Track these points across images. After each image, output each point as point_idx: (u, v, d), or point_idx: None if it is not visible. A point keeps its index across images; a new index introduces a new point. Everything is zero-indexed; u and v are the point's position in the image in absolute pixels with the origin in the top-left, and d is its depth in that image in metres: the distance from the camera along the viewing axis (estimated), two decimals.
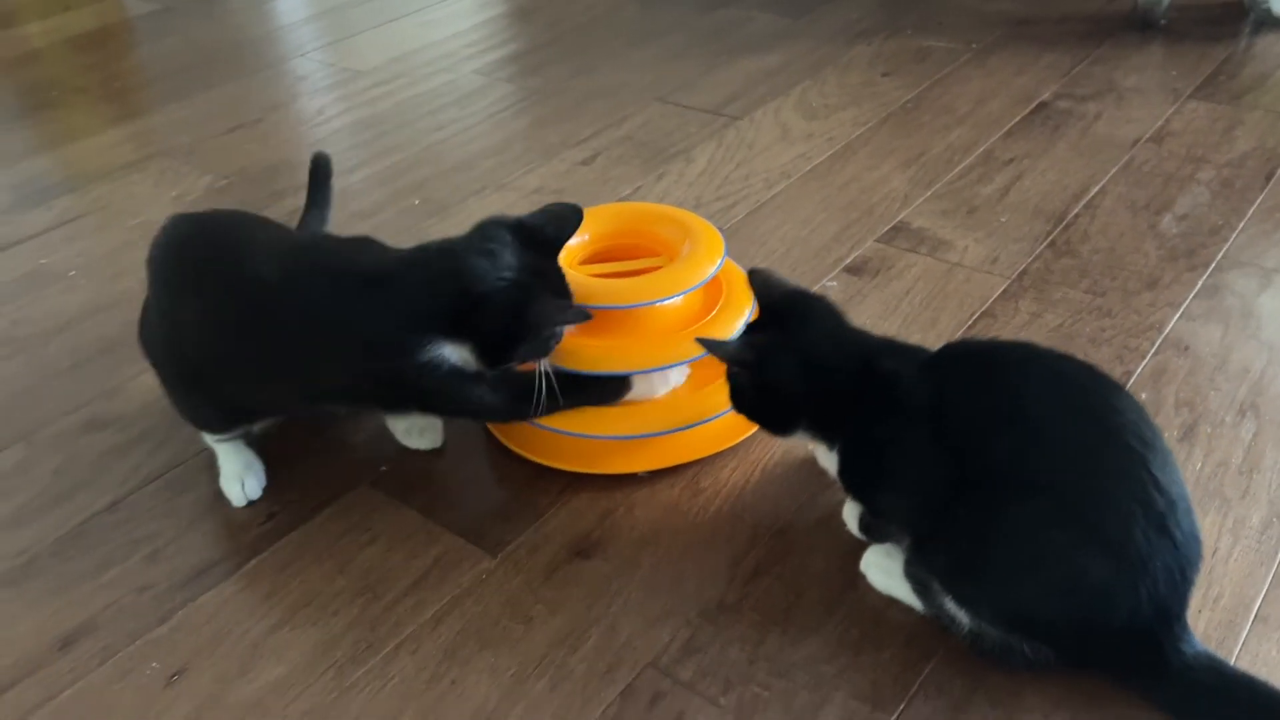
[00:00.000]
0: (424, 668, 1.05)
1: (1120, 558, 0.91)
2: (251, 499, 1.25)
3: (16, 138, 2.23)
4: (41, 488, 1.30)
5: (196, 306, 1.19)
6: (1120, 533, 0.90)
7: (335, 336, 1.12)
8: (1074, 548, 0.91)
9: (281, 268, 1.15)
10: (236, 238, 1.21)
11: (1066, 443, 0.94)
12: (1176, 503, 0.92)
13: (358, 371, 1.14)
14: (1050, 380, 0.98)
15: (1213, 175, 1.76)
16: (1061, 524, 0.92)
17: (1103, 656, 0.97)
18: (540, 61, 2.42)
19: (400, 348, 1.10)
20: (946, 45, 2.32)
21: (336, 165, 2.02)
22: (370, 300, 1.11)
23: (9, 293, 1.68)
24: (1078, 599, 0.93)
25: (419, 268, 1.13)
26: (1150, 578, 0.91)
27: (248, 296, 1.15)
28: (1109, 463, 0.93)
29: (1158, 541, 0.91)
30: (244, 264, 1.16)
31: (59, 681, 1.06)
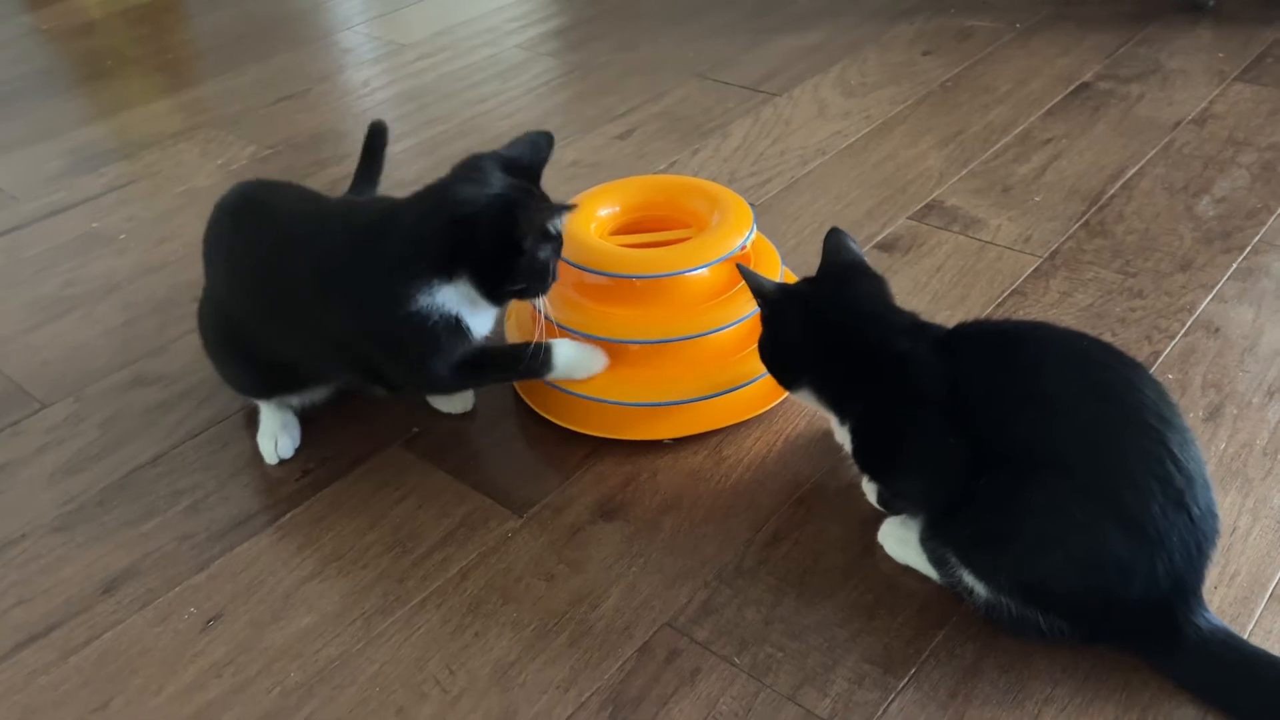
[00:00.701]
0: (448, 620, 1.09)
1: (1138, 532, 0.91)
2: (283, 457, 1.29)
3: (72, 106, 2.29)
4: (90, 440, 1.35)
5: (228, 267, 1.25)
6: (1138, 508, 0.91)
7: (334, 291, 1.15)
8: (1093, 522, 0.92)
9: (297, 226, 1.20)
10: (268, 202, 1.25)
11: (1085, 420, 0.95)
12: (1194, 479, 0.93)
13: (356, 327, 1.16)
14: (1068, 358, 0.99)
15: (1254, 159, 1.74)
16: (1081, 499, 0.92)
17: (1118, 629, 0.98)
18: (583, 37, 2.44)
19: (392, 298, 1.12)
20: (990, 25, 2.30)
21: None
22: (362, 252, 1.13)
23: (63, 254, 1.74)
24: (1096, 573, 0.94)
25: (407, 210, 1.15)
26: (1167, 552, 0.92)
27: (270, 255, 1.20)
28: (1128, 439, 0.93)
29: (1175, 517, 0.92)
30: (270, 226, 1.22)
31: (102, 622, 1.11)
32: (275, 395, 1.31)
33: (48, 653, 1.09)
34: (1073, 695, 0.98)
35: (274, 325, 1.22)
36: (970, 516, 0.99)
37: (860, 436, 1.07)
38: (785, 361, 1.14)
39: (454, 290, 1.13)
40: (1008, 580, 0.99)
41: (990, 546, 0.99)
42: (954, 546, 1.02)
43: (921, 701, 0.98)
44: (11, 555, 1.20)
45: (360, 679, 1.04)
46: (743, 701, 0.99)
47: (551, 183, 1.84)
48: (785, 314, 1.12)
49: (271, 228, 1.21)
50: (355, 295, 1.14)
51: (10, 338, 1.55)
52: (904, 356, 1.03)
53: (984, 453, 0.97)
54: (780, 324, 1.13)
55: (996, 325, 1.14)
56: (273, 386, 1.30)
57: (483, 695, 1.01)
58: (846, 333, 1.08)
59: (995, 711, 0.97)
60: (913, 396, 1.02)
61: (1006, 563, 0.98)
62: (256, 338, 1.24)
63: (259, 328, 1.24)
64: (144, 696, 1.04)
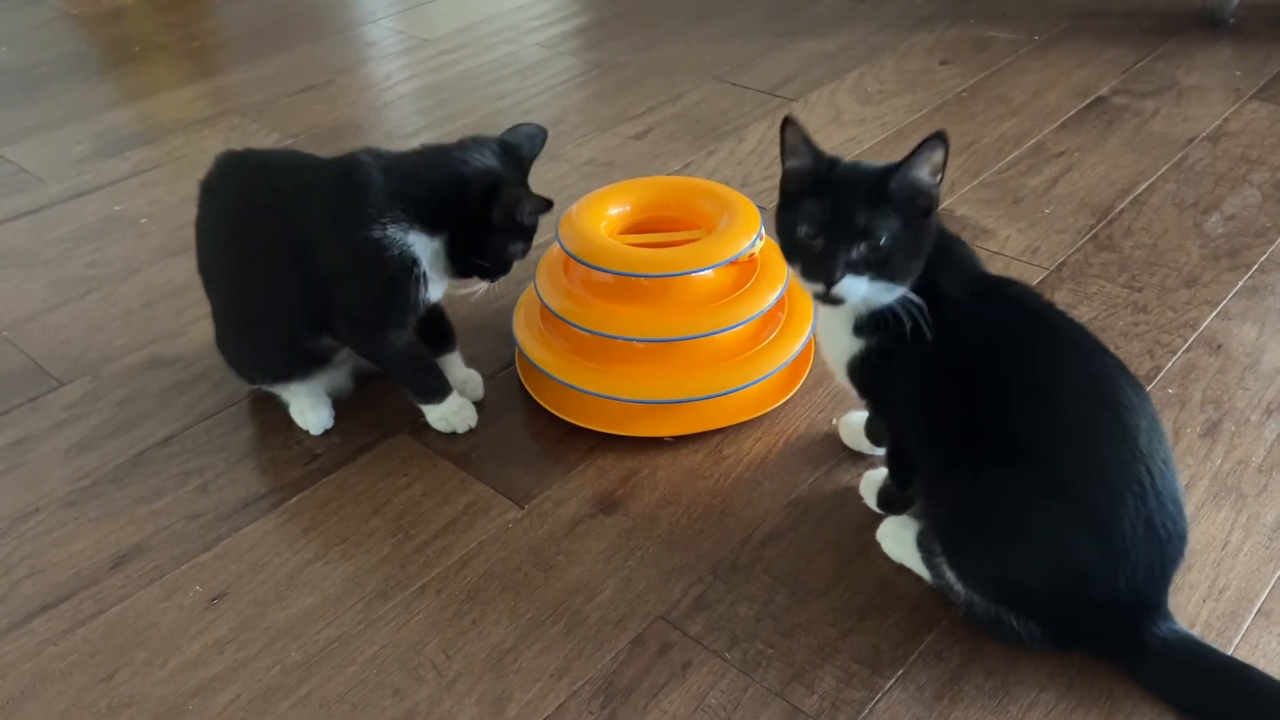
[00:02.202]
0: (447, 606, 1.11)
1: (1106, 540, 0.94)
2: (327, 426, 1.33)
3: (99, 90, 2.33)
4: (105, 418, 1.38)
5: (212, 234, 1.31)
6: (1110, 517, 0.94)
7: (316, 211, 1.22)
8: (1064, 520, 0.94)
9: (276, 173, 1.30)
10: (243, 164, 1.33)
11: (1079, 425, 0.96)
12: (1167, 505, 0.95)
13: (326, 255, 1.22)
14: (1085, 367, 1.00)
15: (1266, 177, 1.75)
16: (1058, 496, 0.95)
17: (1082, 633, 1.00)
18: (602, 36, 2.46)
19: (360, 219, 1.19)
20: (1009, 36, 2.31)
21: (400, 129, 2.11)
22: (353, 184, 1.21)
23: (86, 235, 1.78)
24: (1060, 571, 0.96)
25: (407, 162, 1.24)
26: (1131, 566, 0.95)
27: (245, 201, 1.28)
28: (1114, 453, 0.95)
29: (1144, 533, 0.94)
30: (247, 179, 1.31)
31: (111, 596, 1.14)
32: (293, 379, 1.33)
33: (58, 623, 1.12)
34: (1057, 701, 0.99)
35: (245, 276, 1.28)
36: (954, 498, 1.01)
37: (869, 351, 1.03)
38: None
39: (426, 242, 1.21)
40: (978, 569, 1.01)
41: (965, 527, 1.01)
42: (938, 532, 1.04)
43: (908, 702, 1.00)
44: (25, 528, 1.23)
45: (359, 660, 1.06)
46: (732, 696, 1.01)
47: (566, 180, 1.87)
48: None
49: (249, 181, 1.29)
50: (336, 218, 1.21)
51: (31, 316, 1.58)
52: (944, 292, 1.00)
53: (980, 422, 0.98)
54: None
55: (1034, 301, 1.06)
56: (288, 369, 1.33)
57: (477, 680, 1.04)
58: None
59: (980, 714, 0.99)
60: (944, 334, 0.99)
61: (977, 549, 1.01)
62: (243, 305, 1.30)
63: (234, 285, 1.30)
64: (149, 669, 1.06)
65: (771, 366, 1.30)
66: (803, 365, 1.38)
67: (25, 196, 1.90)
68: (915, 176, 0.96)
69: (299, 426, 1.34)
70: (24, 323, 1.57)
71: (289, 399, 1.35)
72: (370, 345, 1.30)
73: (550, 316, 1.32)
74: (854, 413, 1.26)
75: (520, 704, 1.01)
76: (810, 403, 1.35)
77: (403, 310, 1.24)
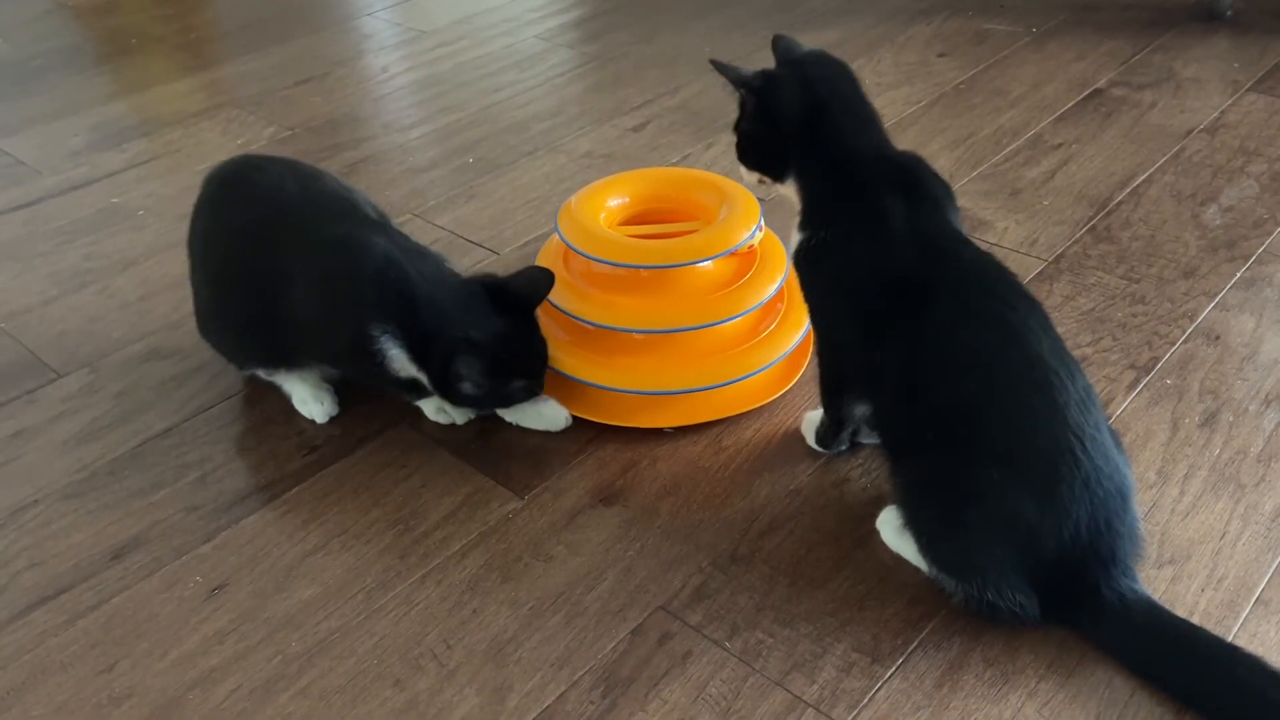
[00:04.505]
0: (447, 596, 1.11)
1: (1049, 502, 0.97)
2: (331, 415, 1.34)
3: (96, 82, 2.32)
4: (103, 410, 1.38)
5: (225, 237, 1.31)
6: (1050, 481, 0.97)
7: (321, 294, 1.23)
8: (1008, 487, 0.98)
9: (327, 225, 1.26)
10: (260, 178, 1.32)
11: (1017, 405, 1.00)
12: (1101, 465, 0.98)
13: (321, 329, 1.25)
14: (1027, 343, 1.01)
15: (1263, 169, 1.75)
16: (999, 465, 0.99)
17: (1041, 598, 1.01)
18: (601, 28, 2.46)
19: (362, 340, 1.20)
20: (1007, 28, 2.31)
21: (398, 121, 2.10)
22: (357, 278, 1.21)
23: (83, 228, 1.77)
24: (1008, 533, 0.99)
25: (410, 283, 1.21)
26: (1074, 521, 0.98)
27: (274, 236, 1.26)
28: (1051, 428, 0.98)
29: (1082, 492, 0.97)
30: (263, 202, 1.29)
31: (110, 588, 1.14)
32: (294, 368, 1.34)
33: (57, 615, 1.11)
34: (1056, 690, 0.99)
35: (242, 282, 1.29)
36: (903, 467, 1.07)
37: (812, 245, 1.10)
38: (770, 146, 1.13)
39: (410, 364, 1.23)
40: (934, 545, 1.05)
41: (919, 504, 1.05)
42: (900, 509, 1.08)
43: (907, 691, 1.00)
44: (24, 520, 1.23)
45: (359, 650, 1.06)
46: (732, 685, 1.01)
47: (565, 172, 1.87)
48: (770, 91, 1.11)
49: (264, 204, 1.28)
50: (333, 302, 1.22)
51: (29, 309, 1.58)
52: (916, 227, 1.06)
53: (915, 377, 1.04)
54: (765, 102, 1.11)
55: (981, 265, 1.08)
56: (288, 358, 1.33)
57: (478, 670, 1.04)
58: (843, 125, 1.10)
59: (979, 703, 0.99)
60: (893, 269, 1.05)
61: (931, 524, 1.04)
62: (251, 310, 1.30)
63: (229, 284, 1.30)
64: (149, 660, 1.06)
65: (771, 357, 1.30)
66: (802, 356, 1.38)
67: (22, 189, 1.90)
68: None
69: (299, 417, 1.34)
70: (21, 315, 1.57)
71: (291, 388, 1.35)
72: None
73: (550, 308, 1.32)
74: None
75: (521, 694, 1.01)
76: (810, 394, 1.35)
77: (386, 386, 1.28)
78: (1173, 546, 1.12)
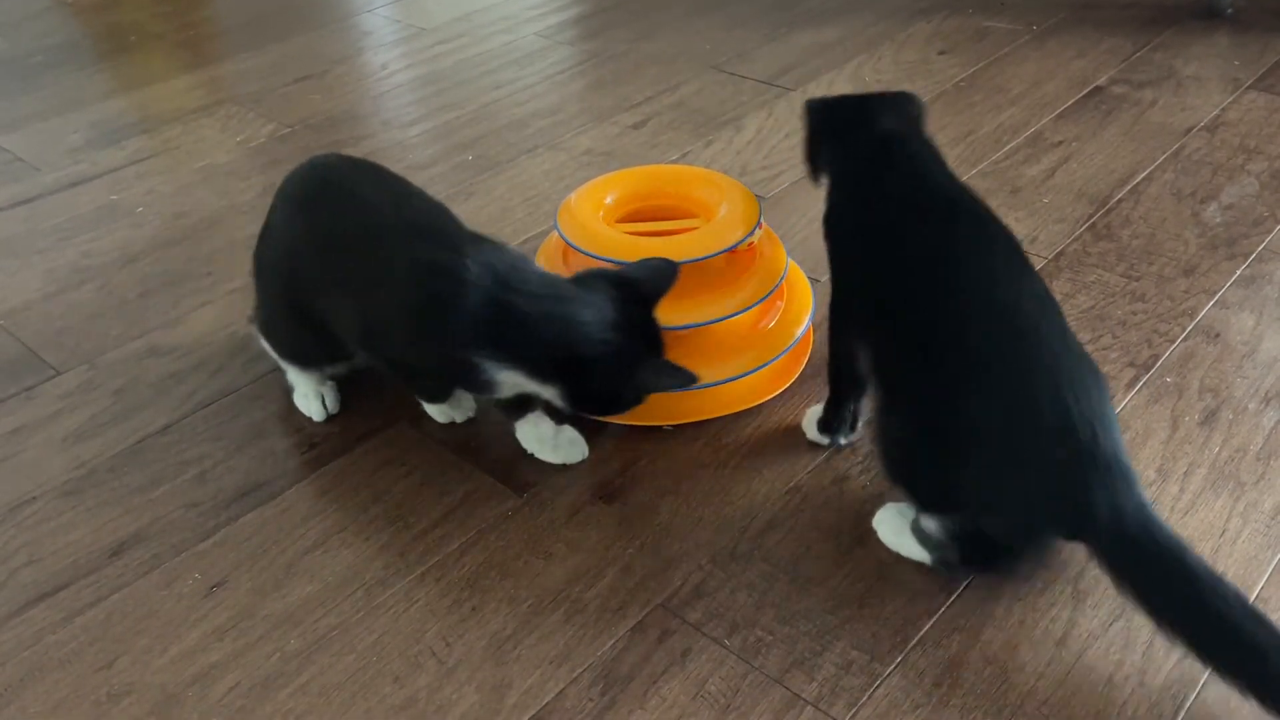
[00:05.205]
0: (447, 594, 1.11)
1: (1034, 407, 0.98)
2: (332, 413, 1.33)
3: (95, 79, 2.32)
4: (103, 407, 1.38)
5: (309, 236, 1.24)
6: (1033, 392, 0.98)
7: (422, 322, 1.16)
8: (995, 399, 0.99)
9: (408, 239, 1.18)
10: (362, 184, 1.25)
11: (1000, 331, 1.03)
12: (1081, 398, 0.98)
13: (420, 350, 1.19)
14: (1009, 279, 1.08)
15: (1264, 167, 1.75)
16: (985, 377, 1.01)
17: (1039, 510, 1.00)
18: (600, 26, 2.45)
19: (468, 364, 1.14)
20: (1007, 26, 2.31)
21: (397, 119, 2.10)
22: (442, 305, 1.13)
23: (82, 225, 1.77)
24: (1005, 450, 0.99)
25: (516, 302, 1.13)
26: (1061, 424, 0.97)
27: (370, 248, 1.19)
28: (1032, 355, 1.01)
29: (1063, 399, 0.97)
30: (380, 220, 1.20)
31: (108, 585, 1.14)
32: (321, 366, 1.33)
33: (55, 612, 1.11)
34: (1055, 689, 0.99)
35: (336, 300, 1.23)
36: (897, 412, 1.08)
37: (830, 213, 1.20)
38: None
39: (530, 382, 1.15)
40: (930, 479, 1.05)
41: (909, 437, 1.06)
42: (885, 460, 1.09)
43: (907, 689, 1.00)
44: (22, 516, 1.23)
45: (359, 648, 1.06)
46: (731, 682, 1.01)
47: (564, 170, 1.87)
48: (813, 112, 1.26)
49: (364, 214, 1.21)
50: (416, 325, 1.16)
51: (28, 305, 1.58)
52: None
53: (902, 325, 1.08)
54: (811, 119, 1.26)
55: (976, 224, 1.17)
56: (321, 357, 1.32)
57: (478, 667, 1.04)
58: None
59: (978, 701, 0.99)
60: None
61: (926, 455, 1.04)
62: (321, 309, 1.24)
63: (325, 299, 1.24)
64: (148, 657, 1.06)
65: (770, 355, 1.30)
66: (801, 353, 1.38)
67: (21, 185, 1.90)
68: None
69: (299, 414, 1.34)
70: (20, 311, 1.57)
71: (293, 382, 1.34)
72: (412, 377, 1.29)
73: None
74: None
75: (520, 691, 1.01)
76: (809, 391, 1.35)
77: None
78: None
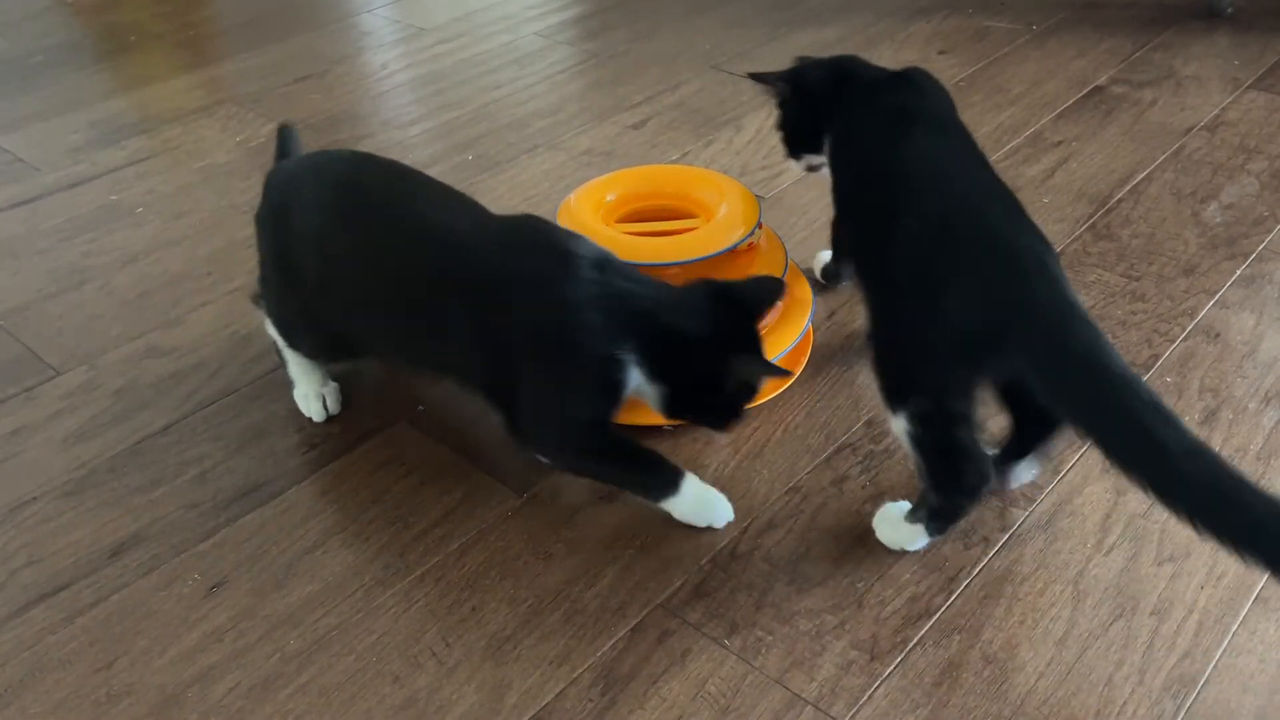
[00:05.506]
0: (446, 594, 1.11)
1: (992, 258, 1.02)
2: (332, 414, 1.33)
3: (95, 79, 2.32)
4: (102, 408, 1.38)
5: (341, 238, 1.20)
6: (986, 244, 1.04)
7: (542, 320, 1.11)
8: (958, 257, 1.04)
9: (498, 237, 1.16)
10: (398, 185, 1.23)
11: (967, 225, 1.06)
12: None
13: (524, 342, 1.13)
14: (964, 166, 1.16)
15: (1264, 167, 1.75)
16: (946, 238, 1.05)
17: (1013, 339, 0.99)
18: (601, 25, 2.45)
19: (604, 360, 1.10)
20: (1007, 25, 2.31)
21: (397, 119, 2.10)
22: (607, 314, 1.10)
23: (82, 225, 1.77)
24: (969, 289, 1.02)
25: (637, 293, 1.12)
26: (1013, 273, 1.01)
27: (440, 250, 1.15)
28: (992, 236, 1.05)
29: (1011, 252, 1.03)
30: (410, 216, 1.18)
31: (108, 585, 1.14)
32: (337, 359, 1.32)
33: (55, 612, 1.11)
34: (1055, 688, 0.99)
35: (384, 312, 1.19)
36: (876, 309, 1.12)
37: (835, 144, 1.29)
38: (808, 121, 1.34)
39: (646, 383, 1.13)
40: (894, 371, 1.07)
41: (889, 310, 1.10)
42: (874, 352, 1.11)
43: (906, 689, 1.00)
44: (23, 517, 1.23)
45: (358, 648, 1.06)
46: (731, 683, 1.01)
47: (564, 170, 1.87)
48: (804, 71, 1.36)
49: (411, 218, 1.17)
50: (545, 321, 1.11)
51: (28, 305, 1.58)
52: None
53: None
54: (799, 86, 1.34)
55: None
56: (340, 352, 1.31)
57: (477, 668, 1.04)
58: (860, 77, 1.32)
59: (978, 701, 0.99)
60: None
61: (891, 352, 1.08)
62: (352, 311, 1.22)
63: (360, 305, 1.21)
64: (148, 658, 1.06)
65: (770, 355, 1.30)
66: (801, 353, 1.38)
67: (21, 186, 1.90)
68: None
69: (299, 415, 1.34)
70: (20, 311, 1.57)
71: (295, 379, 1.34)
72: (546, 437, 1.18)
73: None
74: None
75: (520, 691, 1.01)
76: (809, 391, 1.35)
77: (596, 415, 1.14)
78: (1172, 543, 1.12)
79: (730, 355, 1.12)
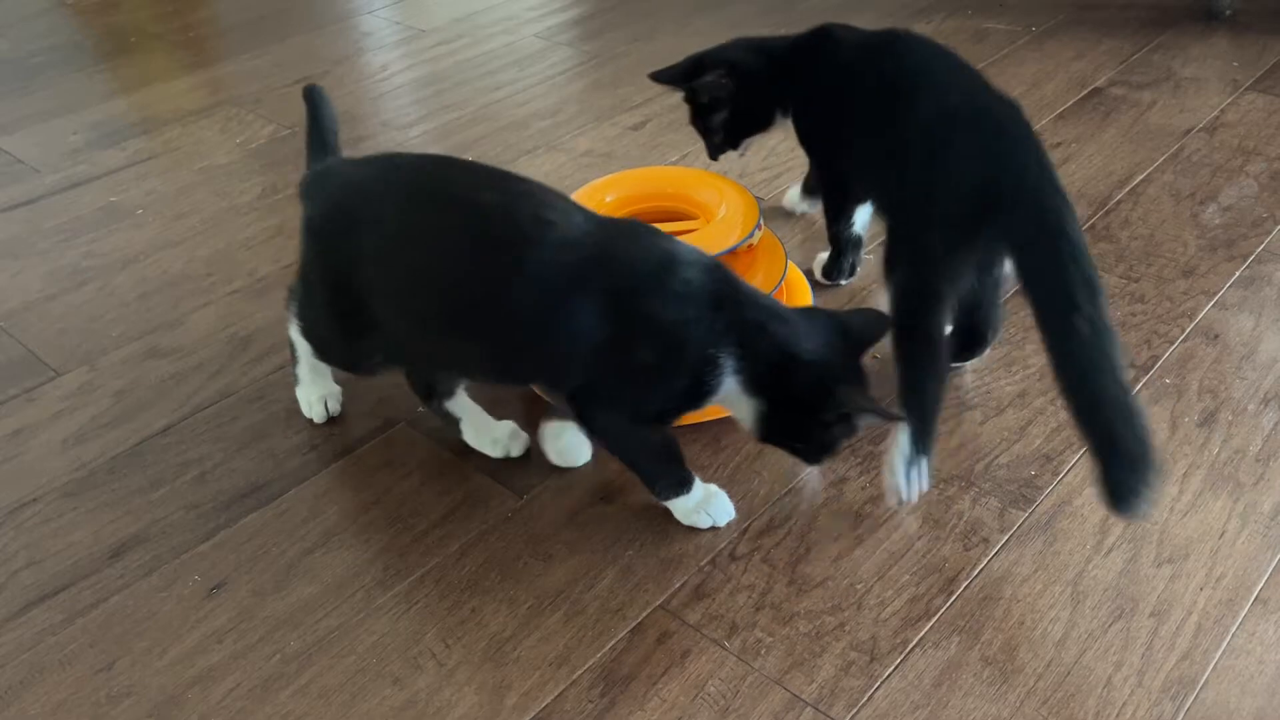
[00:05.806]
0: (446, 595, 1.11)
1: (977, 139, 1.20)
2: (334, 415, 1.33)
3: (95, 81, 2.32)
4: (103, 409, 1.38)
5: (403, 244, 1.13)
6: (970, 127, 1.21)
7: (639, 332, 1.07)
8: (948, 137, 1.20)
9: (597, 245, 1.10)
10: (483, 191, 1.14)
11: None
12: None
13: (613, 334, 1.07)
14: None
15: (1262, 168, 1.75)
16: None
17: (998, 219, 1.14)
18: (601, 26, 2.46)
19: (700, 359, 1.07)
20: (1006, 27, 2.31)
21: (397, 120, 2.10)
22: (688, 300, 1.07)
23: (82, 226, 1.77)
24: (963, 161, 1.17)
25: (748, 307, 1.08)
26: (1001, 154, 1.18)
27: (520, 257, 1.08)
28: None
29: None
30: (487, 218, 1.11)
31: (109, 586, 1.14)
32: (375, 371, 1.29)
33: (55, 613, 1.11)
34: (1054, 689, 1.00)
35: (446, 323, 1.14)
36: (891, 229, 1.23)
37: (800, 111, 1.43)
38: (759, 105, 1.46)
39: (741, 395, 1.09)
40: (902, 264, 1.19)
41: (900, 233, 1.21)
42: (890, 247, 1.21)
43: (906, 690, 1.00)
44: (23, 518, 1.23)
45: (358, 649, 1.06)
46: (731, 684, 1.01)
47: (564, 171, 1.87)
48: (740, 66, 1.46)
49: (489, 221, 1.11)
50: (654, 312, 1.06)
51: (28, 307, 1.58)
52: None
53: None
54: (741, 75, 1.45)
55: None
56: (389, 363, 1.26)
57: (477, 669, 1.04)
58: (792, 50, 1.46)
59: (978, 702, 0.99)
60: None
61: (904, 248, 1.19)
62: (431, 322, 1.16)
63: (447, 319, 1.14)
64: (148, 659, 1.06)
65: None
66: None
67: (21, 187, 1.90)
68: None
69: (299, 416, 1.34)
70: (20, 313, 1.57)
71: (303, 376, 1.33)
72: (596, 420, 1.14)
73: None
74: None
75: (520, 692, 1.02)
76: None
77: (659, 409, 1.12)
78: (1171, 545, 1.13)
79: (836, 384, 1.07)
